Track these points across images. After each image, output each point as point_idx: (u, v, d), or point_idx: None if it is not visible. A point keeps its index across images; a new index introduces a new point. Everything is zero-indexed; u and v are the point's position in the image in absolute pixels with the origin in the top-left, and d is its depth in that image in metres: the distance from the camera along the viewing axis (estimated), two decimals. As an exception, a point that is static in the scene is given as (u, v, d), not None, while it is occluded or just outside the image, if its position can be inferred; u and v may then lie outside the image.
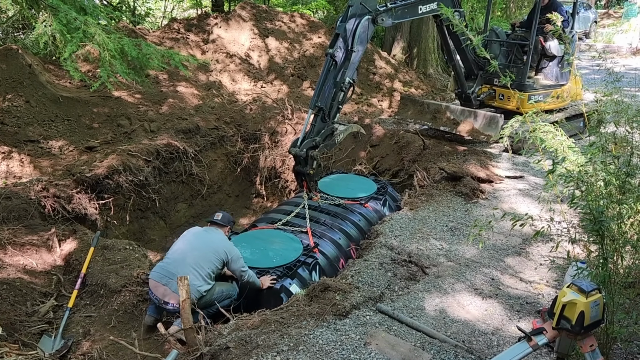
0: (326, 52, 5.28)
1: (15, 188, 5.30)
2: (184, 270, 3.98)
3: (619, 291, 3.07)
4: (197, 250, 4.17)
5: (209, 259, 4.14)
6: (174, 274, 3.97)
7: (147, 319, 4.15)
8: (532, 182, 6.33)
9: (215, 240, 4.28)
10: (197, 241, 4.28)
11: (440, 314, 3.87)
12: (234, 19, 10.91)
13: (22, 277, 4.41)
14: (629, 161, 3.33)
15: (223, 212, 4.60)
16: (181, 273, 3.87)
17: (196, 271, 4.05)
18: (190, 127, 7.70)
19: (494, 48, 7.87)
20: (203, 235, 4.33)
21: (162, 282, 4.02)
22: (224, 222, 4.50)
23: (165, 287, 4.00)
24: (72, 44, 5.15)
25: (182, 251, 4.21)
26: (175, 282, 3.86)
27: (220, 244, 4.26)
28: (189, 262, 4.08)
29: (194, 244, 4.24)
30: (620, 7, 32.36)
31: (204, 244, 4.23)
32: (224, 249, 4.22)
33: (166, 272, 4.07)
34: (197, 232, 4.40)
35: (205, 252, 4.17)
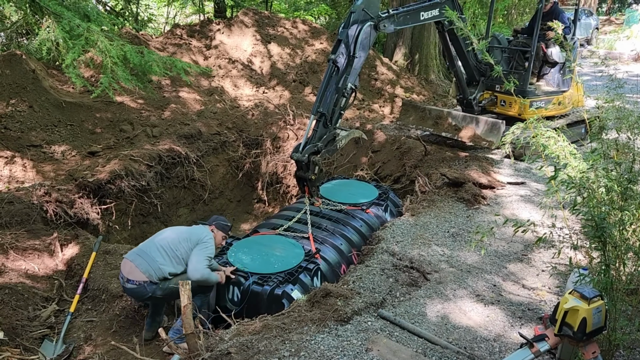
0: (328, 58, 5.30)
1: (18, 193, 5.31)
2: (151, 248, 4.07)
3: (621, 298, 3.07)
4: (172, 235, 4.23)
5: (180, 242, 4.16)
6: (143, 251, 4.08)
7: (145, 334, 4.17)
8: (533, 189, 6.32)
9: (194, 230, 4.32)
10: (176, 229, 4.39)
11: (442, 320, 3.86)
12: (236, 25, 10.95)
13: (24, 282, 4.41)
14: (630, 168, 3.34)
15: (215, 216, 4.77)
16: (150, 252, 4.03)
17: (164, 251, 4.09)
18: (192, 133, 7.72)
19: (495, 54, 7.89)
20: (184, 227, 4.44)
21: (130, 258, 4.06)
22: (209, 221, 4.59)
23: (132, 263, 4.02)
24: (75, 50, 5.18)
25: (158, 235, 4.30)
26: (141, 259, 3.99)
27: (196, 232, 4.28)
28: (159, 242, 4.14)
29: (172, 231, 4.34)
30: (621, 14, 32.44)
31: (180, 232, 4.30)
32: (198, 236, 4.23)
33: (137, 250, 4.15)
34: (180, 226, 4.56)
35: (179, 237, 4.20)
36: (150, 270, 3.99)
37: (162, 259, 4.06)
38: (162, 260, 4.05)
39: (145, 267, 4.00)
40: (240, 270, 4.51)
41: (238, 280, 4.44)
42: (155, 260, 4.02)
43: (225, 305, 4.45)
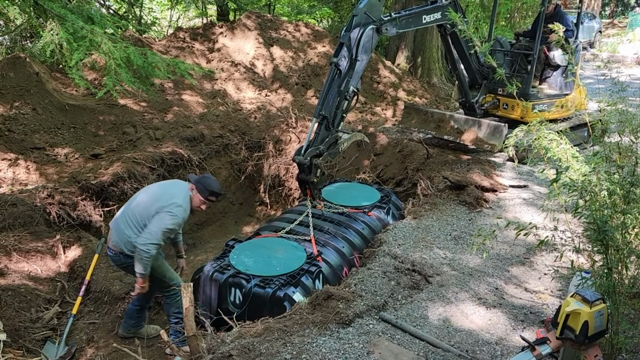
0: (330, 61, 5.31)
1: (21, 195, 5.33)
2: (122, 217, 3.88)
3: (623, 301, 3.06)
4: (144, 200, 3.91)
5: (148, 209, 3.81)
6: (116, 220, 3.95)
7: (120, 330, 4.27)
8: (536, 192, 6.32)
9: (166, 190, 3.94)
10: (150, 190, 4.03)
11: (443, 323, 3.85)
12: (239, 28, 10.99)
13: (26, 284, 4.43)
14: (633, 171, 3.33)
15: (204, 175, 4.22)
16: (120, 221, 3.87)
17: (132, 221, 3.83)
18: (194, 135, 7.74)
19: (498, 57, 7.89)
20: (159, 186, 4.05)
21: (111, 225, 4.00)
22: (190, 178, 4.12)
23: (111, 230, 3.96)
24: (78, 52, 5.21)
25: (133, 200, 4.04)
26: (113, 230, 3.91)
27: (167, 194, 3.88)
28: (130, 211, 3.90)
29: (145, 194, 4.01)
30: (624, 17, 32.43)
31: (153, 193, 3.94)
32: (166, 200, 3.81)
33: (116, 216, 4.03)
34: (159, 184, 4.18)
35: (151, 201, 3.85)
36: (120, 243, 3.82)
37: (130, 230, 3.78)
38: (130, 233, 3.79)
39: (115, 239, 3.84)
40: (242, 272, 4.52)
41: (240, 283, 4.44)
42: (123, 233, 3.79)
43: (227, 307, 4.45)
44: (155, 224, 3.69)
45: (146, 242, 3.66)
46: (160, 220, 3.71)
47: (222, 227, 7.86)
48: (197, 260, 6.73)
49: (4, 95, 6.81)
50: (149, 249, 3.67)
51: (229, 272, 4.53)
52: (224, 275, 4.50)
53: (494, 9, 8.32)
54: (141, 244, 3.65)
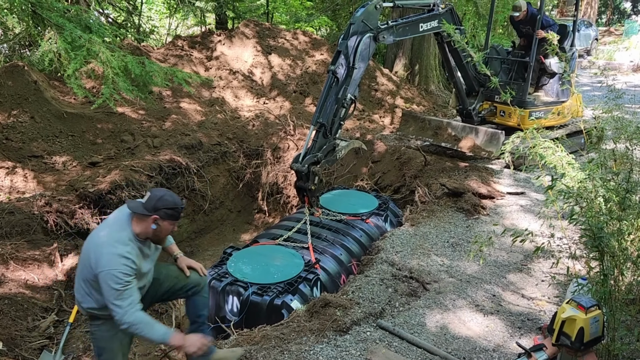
0: (328, 69, 5.33)
1: (19, 203, 5.33)
2: (77, 283, 3.01)
3: (620, 308, 3.06)
4: (83, 255, 2.98)
5: (86, 270, 2.90)
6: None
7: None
8: (533, 198, 6.33)
9: (93, 240, 2.94)
10: (90, 239, 2.99)
11: (441, 331, 3.85)
12: (237, 36, 11.03)
13: (23, 292, 4.42)
14: (628, 177, 3.35)
15: (155, 193, 3.01)
16: (76, 289, 3.03)
17: (83, 283, 2.96)
18: (193, 143, 7.75)
19: (494, 65, 7.94)
20: (96, 236, 2.95)
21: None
22: (147, 202, 2.94)
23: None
24: (76, 61, 5.22)
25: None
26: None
27: (93, 245, 2.89)
28: (78, 273, 3.03)
29: (87, 243, 2.98)
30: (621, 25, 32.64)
31: (87, 249, 2.94)
32: (94, 254, 2.83)
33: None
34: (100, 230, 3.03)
35: (86, 259, 2.91)
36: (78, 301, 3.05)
37: (82, 297, 2.98)
38: (79, 295, 3.00)
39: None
40: (240, 280, 4.51)
41: (237, 290, 4.43)
42: (77, 291, 3.01)
43: (225, 315, 4.44)
44: (106, 295, 2.79)
45: (121, 318, 2.79)
46: (106, 290, 2.79)
47: (220, 234, 7.86)
48: (195, 268, 6.72)
49: (2, 104, 6.82)
50: (129, 322, 2.79)
51: (226, 280, 4.52)
52: (222, 283, 4.50)
53: (491, 17, 8.37)
54: (113, 307, 2.79)
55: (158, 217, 2.92)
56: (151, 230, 2.94)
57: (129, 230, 2.91)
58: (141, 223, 2.93)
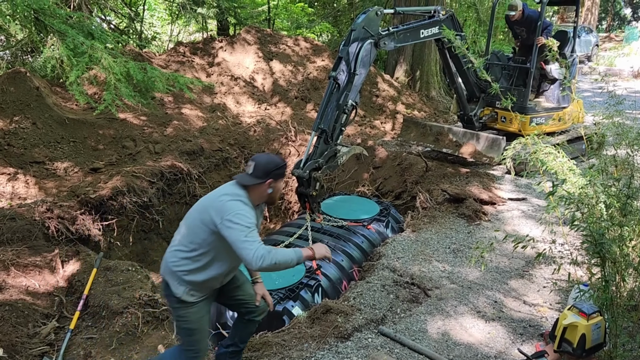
0: (329, 75, 5.35)
1: (20, 209, 5.33)
2: (168, 251, 3.06)
3: (622, 314, 3.05)
4: (187, 220, 3.06)
5: (193, 228, 2.96)
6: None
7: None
8: (534, 204, 6.32)
9: (210, 197, 3.04)
10: (198, 206, 3.07)
11: (442, 337, 3.84)
12: (239, 43, 11.07)
13: (24, 299, 4.41)
14: (629, 183, 3.35)
15: (259, 160, 3.04)
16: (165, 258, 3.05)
17: (177, 250, 2.99)
18: (194, 149, 7.76)
19: (495, 71, 7.95)
20: (207, 200, 3.05)
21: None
22: (244, 180, 3.00)
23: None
24: (78, 68, 5.25)
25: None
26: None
27: (210, 200, 2.98)
28: (176, 234, 3.10)
29: (194, 211, 3.07)
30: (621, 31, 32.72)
31: (194, 210, 3.06)
32: (213, 207, 2.89)
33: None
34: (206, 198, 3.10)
35: (193, 219, 3.00)
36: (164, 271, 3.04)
37: (173, 257, 2.99)
38: (174, 259, 2.98)
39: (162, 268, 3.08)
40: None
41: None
42: (166, 259, 3.03)
43: (226, 322, 4.43)
44: (227, 231, 2.79)
45: (251, 256, 2.73)
46: (233, 230, 2.78)
47: (221, 240, 7.85)
48: (196, 274, 6.72)
49: (4, 110, 6.84)
50: (263, 259, 2.72)
51: (227, 286, 4.51)
52: (223, 289, 4.49)
53: (491, 23, 8.40)
54: (248, 260, 2.74)
55: (272, 179, 3.01)
56: (267, 194, 3.04)
57: (245, 194, 2.97)
58: (256, 192, 3.00)
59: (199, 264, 2.91)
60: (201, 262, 2.91)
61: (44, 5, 5.34)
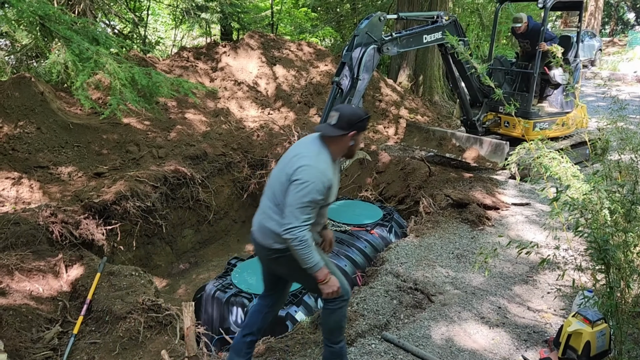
0: (332, 80, 5.37)
1: (24, 214, 5.35)
2: (261, 206, 3.13)
3: (627, 321, 3.04)
4: (276, 172, 3.09)
5: (279, 186, 3.00)
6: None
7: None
8: (538, 209, 6.31)
9: (290, 154, 3.05)
10: (287, 155, 3.09)
11: (446, 343, 3.83)
12: (242, 48, 11.10)
13: (28, 303, 4.42)
14: (634, 189, 3.34)
15: (343, 111, 3.03)
16: (258, 215, 3.10)
17: (270, 207, 3.04)
18: (197, 154, 7.78)
19: (498, 76, 7.96)
20: (296, 148, 3.09)
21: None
22: (327, 131, 2.99)
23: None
24: (84, 73, 5.27)
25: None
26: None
27: (291, 159, 2.98)
28: (264, 196, 3.15)
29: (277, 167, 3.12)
30: (624, 35, 32.69)
31: (280, 165, 3.08)
32: (291, 168, 2.91)
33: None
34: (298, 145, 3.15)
35: (279, 176, 3.02)
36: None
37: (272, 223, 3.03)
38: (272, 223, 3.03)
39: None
40: (244, 291, 4.51)
41: (242, 302, 4.43)
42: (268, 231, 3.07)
43: (229, 327, 4.43)
44: (290, 202, 2.85)
45: (286, 224, 2.84)
46: (293, 195, 2.84)
47: (224, 245, 7.86)
48: (199, 279, 6.72)
49: (9, 115, 6.88)
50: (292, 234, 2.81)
51: (230, 291, 4.52)
52: (226, 295, 4.49)
53: (494, 28, 8.41)
54: (292, 234, 2.82)
55: (355, 132, 2.98)
56: (347, 146, 3.02)
57: (326, 151, 2.98)
58: (338, 143, 3.00)
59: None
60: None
61: (49, 11, 5.37)
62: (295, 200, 2.80)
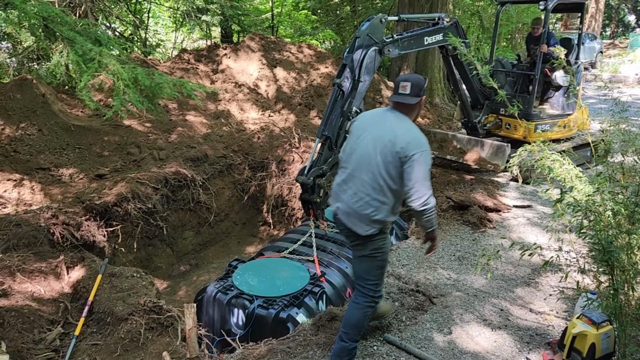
0: (333, 82, 5.36)
1: (26, 215, 5.34)
2: (353, 191, 3.19)
3: (631, 323, 3.03)
4: (369, 156, 3.15)
5: (383, 168, 3.09)
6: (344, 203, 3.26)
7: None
8: (540, 212, 6.30)
9: (382, 134, 3.13)
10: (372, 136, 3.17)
11: (448, 345, 3.82)
12: (242, 50, 11.11)
13: (29, 305, 4.41)
14: (637, 191, 3.33)
15: (412, 79, 3.20)
16: (349, 199, 3.20)
17: (369, 192, 3.15)
18: (198, 156, 7.77)
19: (499, 78, 7.96)
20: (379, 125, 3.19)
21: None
22: (408, 100, 3.15)
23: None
24: (88, 74, 5.27)
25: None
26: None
27: (389, 139, 3.06)
28: (355, 181, 3.20)
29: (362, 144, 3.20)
30: (625, 38, 32.74)
31: (369, 148, 3.15)
32: (397, 146, 3.02)
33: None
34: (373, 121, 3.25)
35: (377, 158, 3.10)
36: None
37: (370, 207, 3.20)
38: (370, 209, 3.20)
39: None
40: (245, 293, 4.50)
41: (243, 303, 4.42)
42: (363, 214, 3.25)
43: (230, 329, 4.42)
44: (416, 175, 2.99)
45: (428, 197, 3.03)
46: (419, 166, 2.99)
47: (225, 247, 7.85)
48: (200, 280, 6.71)
49: (10, 117, 6.88)
50: (428, 202, 3.03)
51: (232, 293, 4.51)
52: (227, 296, 4.48)
53: (495, 30, 8.41)
54: (425, 202, 3.01)
55: (425, 95, 3.24)
56: (420, 110, 3.31)
57: (408, 118, 3.18)
58: (415, 109, 3.23)
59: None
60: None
61: (52, 12, 5.37)
62: (421, 174, 2.96)
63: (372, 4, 16.05)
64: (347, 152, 3.28)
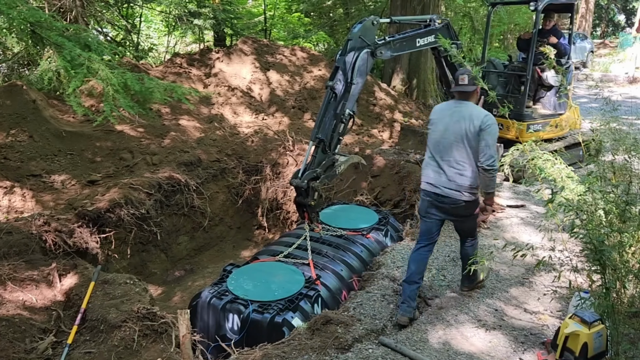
0: (326, 85, 5.35)
1: (17, 223, 5.30)
2: (448, 164, 4.08)
3: (623, 321, 3.04)
4: (455, 133, 4.04)
5: (467, 141, 3.99)
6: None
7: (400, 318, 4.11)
8: (533, 211, 6.32)
9: (461, 117, 4.01)
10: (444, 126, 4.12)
11: (443, 347, 3.81)
12: (235, 53, 11.10)
13: (21, 314, 4.37)
14: (628, 189, 3.34)
15: (467, 71, 4.13)
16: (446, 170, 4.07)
17: (461, 163, 4.06)
18: (191, 160, 7.75)
19: (491, 79, 7.98)
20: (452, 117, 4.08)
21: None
22: (471, 88, 4.08)
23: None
24: (76, 79, 5.25)
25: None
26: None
27: (468, 118, 3.96)
28: (447, 156, 4.06)
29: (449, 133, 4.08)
30: (615, 37, 32.97)
31: (450, 129, 4.07)
32: (477, 121, 3.93)
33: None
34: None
35: (462, 133, 3.99)
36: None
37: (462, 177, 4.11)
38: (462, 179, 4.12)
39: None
40: (240, 297, 4.48)
41: (238, 308, 4.40)
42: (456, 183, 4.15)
43: (225, 334, 4.40)
44: (490, 142, 3.89)
45: (495, 161, 3.92)
46: (491, 136, 3.92)
47: (219, 251, 7.82)
48: (195, 285, 6.67)
49: (0, 123, 6.83)
50: (496, 164, 3.94)
51: (226, 298, 4.49)
52: (222, 301, 4.46)
53: (487, 31, 8.44)
54: (493, 164, 3.89)
55: (479, 85, 4.10)
56: (478, 97, 4.21)
57: (472, 103, 4.10)
58: (475, 95, 4.14)
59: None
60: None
61: (40, 18, 5.34)
62: (493, 140, 3.88)
63: (364, 6, 16.09)
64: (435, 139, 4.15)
